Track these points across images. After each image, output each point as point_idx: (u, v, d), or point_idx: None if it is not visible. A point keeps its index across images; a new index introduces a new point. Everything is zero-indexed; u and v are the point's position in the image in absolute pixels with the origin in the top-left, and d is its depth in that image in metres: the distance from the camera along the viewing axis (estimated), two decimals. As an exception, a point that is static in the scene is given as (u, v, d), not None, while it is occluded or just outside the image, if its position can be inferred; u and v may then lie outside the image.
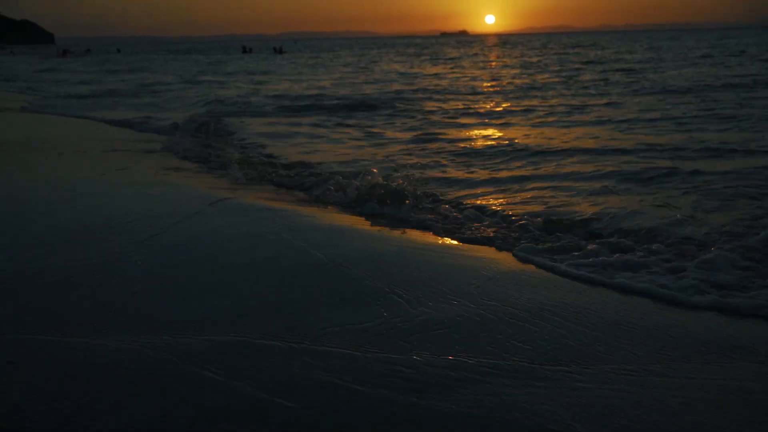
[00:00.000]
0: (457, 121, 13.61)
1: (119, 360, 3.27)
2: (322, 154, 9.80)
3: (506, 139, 10.78)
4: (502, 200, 6.70)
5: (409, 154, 9.69)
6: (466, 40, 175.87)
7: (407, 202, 6.06)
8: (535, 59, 40.85)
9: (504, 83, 22.98)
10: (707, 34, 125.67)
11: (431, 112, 15.20)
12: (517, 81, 23.77)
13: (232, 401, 2.88)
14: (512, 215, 5.85)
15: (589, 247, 4.75)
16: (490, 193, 7.09)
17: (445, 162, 9.06)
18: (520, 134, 11.35)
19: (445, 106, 16.48)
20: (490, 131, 11.99)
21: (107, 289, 4.15)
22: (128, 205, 6.17)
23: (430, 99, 18.20)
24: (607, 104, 15.42)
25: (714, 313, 3.76)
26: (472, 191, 7.21)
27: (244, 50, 75.10)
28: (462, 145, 10.37)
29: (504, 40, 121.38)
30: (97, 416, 2.80)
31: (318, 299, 3.96)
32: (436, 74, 29.37)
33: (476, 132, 11.86)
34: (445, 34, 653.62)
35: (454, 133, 11.71)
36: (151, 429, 2.73)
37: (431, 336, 3.44)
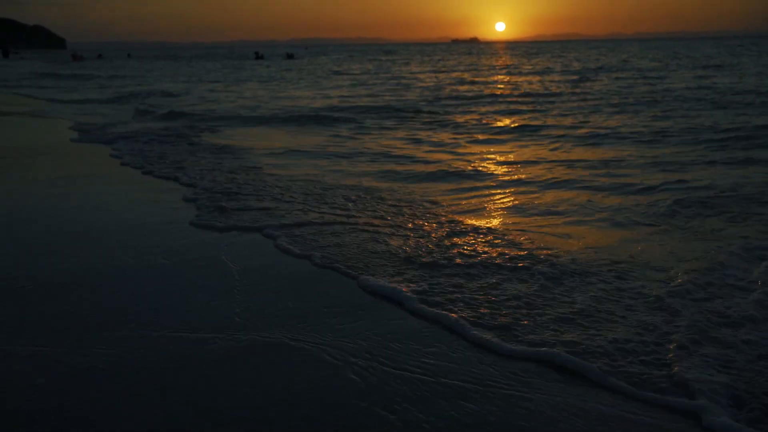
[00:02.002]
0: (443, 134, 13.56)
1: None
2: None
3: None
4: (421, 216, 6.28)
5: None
6: (481, 47, 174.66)
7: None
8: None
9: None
10: (726, 42, 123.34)
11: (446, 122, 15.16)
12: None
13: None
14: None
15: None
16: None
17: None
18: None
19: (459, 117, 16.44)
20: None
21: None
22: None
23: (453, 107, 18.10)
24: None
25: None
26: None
27: (257, 56, 75.71)
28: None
29: (528, 49, 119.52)
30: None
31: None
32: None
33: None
34: (456, 41, 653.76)
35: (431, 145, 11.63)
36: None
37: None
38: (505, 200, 6.91)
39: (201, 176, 8.03)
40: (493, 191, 7.37)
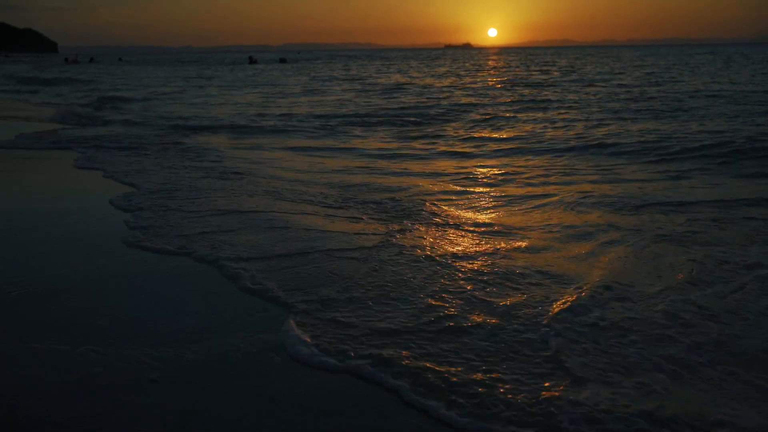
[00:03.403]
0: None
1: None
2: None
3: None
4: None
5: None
6: (474, 52, 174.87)
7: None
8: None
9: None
10: (720, 49, 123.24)
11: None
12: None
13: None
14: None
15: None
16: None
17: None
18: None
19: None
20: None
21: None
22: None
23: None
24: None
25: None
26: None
27: (251, 61, 75.76)
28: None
29: (527, 54, 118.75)
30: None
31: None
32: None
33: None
34: (449, 47, 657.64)
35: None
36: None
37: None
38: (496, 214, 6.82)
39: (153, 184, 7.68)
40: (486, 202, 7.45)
